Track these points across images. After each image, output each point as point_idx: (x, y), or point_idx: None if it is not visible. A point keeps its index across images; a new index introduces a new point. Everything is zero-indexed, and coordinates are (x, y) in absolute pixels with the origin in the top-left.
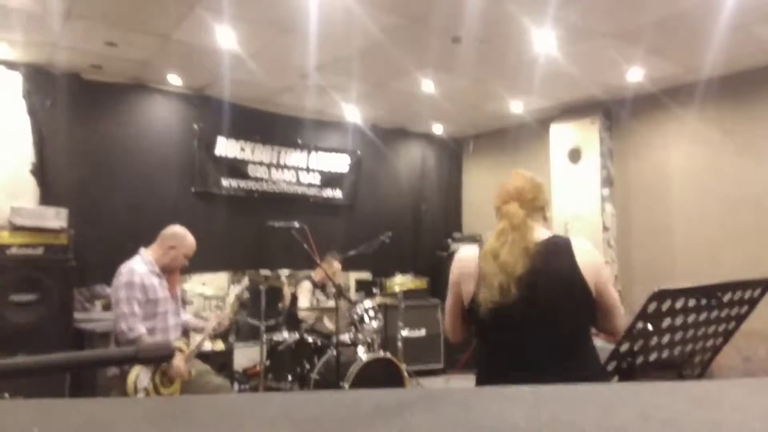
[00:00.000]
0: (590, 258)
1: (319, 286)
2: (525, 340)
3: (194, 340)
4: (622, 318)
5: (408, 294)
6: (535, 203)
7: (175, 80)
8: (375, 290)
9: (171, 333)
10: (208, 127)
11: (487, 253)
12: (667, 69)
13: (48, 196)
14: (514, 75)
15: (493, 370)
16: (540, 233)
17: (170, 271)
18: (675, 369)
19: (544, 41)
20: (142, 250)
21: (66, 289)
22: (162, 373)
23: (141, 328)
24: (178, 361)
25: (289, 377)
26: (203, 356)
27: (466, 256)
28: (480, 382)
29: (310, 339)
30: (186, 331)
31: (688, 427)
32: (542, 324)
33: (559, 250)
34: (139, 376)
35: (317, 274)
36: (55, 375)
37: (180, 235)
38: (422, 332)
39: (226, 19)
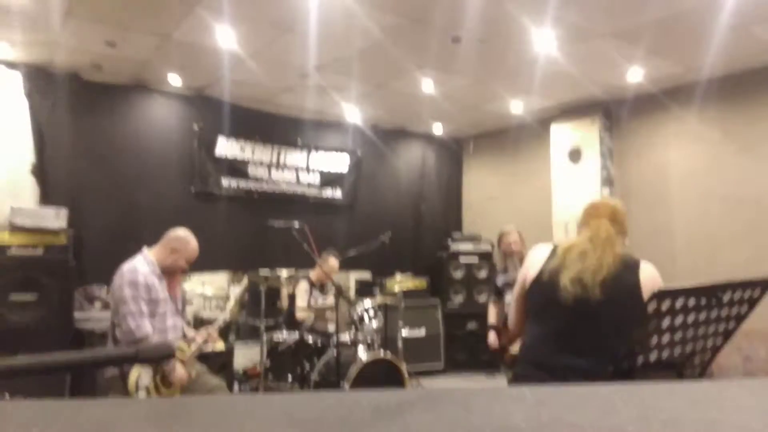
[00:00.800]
0: (650, 282)
1: (317, 286)
2: (572, 329)
3: (193, 344)
4: None
5: (408, 294)
6: (622, 226)
7: (175, 80)
8: (375, 290)
9: (169, 333)
10: (208, 127)
11: (572, 250)
12: (667, 69)
13: (48, 196)
14: (514, 75)
15: (537, 351)
16: (619, 251)
17: (170, 274)
18: (675, 369)
19: (544, 41)
20: (145, 250)
21: (66, 289)
22: (163, 373)
23: (148, 327)
24: (178, 367)
25: (289, 377)
26: (202, 357)
27: (538, 251)
28: (523, 359)
29: (310, 339)
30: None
31: (688, 427)
32: (594, 318)
33: (629, 267)
34: (141, 375)
35: (315, 274)
36: (55, 375)
37: (184, 239)
38: (422, 332)
39: (226, 19)
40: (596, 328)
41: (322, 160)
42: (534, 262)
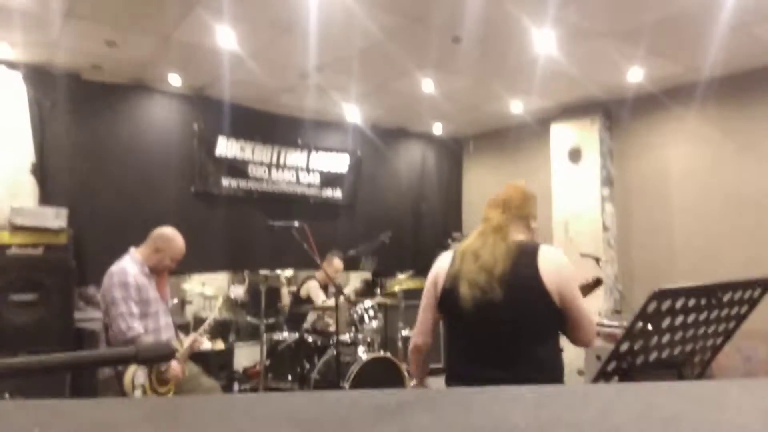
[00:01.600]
0: (553, 267)
1: (322, 287)
2: (481, 337)
3: (186, 341)
4: (591, 332)
5: (408, 294)
6: (520, 211)
7: (175, 80)
8: (376, 290)
9: (163, 333)
10: (208, 127)
11: (466, 252)
12: (667, 69)
13: (48, 196)
14: (514, 75)
15: (455, 363)
16: (516, 238)
17: (157, 273)
18: (675, 369)
19: (544, 41)
20: (132, 250)
21: (66, 289)
22: (158, 372)
23: (139, 327)
24: (174, 362)
25: (289, 377)
26: (201, 356)
27: (442, 258)
28: (447, 372)
29: (310, 339)
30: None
31: (688, 427)
32: (499, 324)
33: (526, 255)
34: (137, 373)
35: (320, 276)
36: (55, 375)
37: (167, 237)
38: None
39: (226, 19)
40: (506, 332)
41: (322, 160)
42: (439, 271)
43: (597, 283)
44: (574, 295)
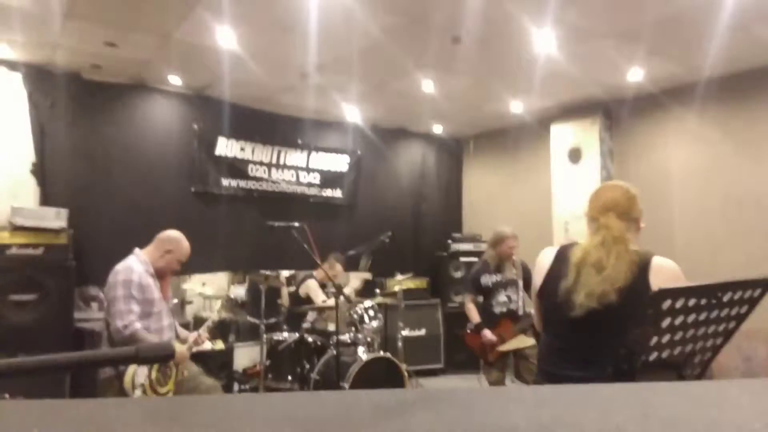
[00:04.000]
0: (661, 281)
1: (322, 286)
2: (581, 339)
3: (188, 339)
4: None
5: (408, 294)
6: (630, 215)
7: (175, 80)
8: (376, 290)
9: (165, 333)
10: (208, 127)
11: (585, 263)
12: (667, 69)
13: (48, 196)
14: (514, 75)
15: (547, 359)
16: (633, 246)
17: (162, 275)
18: (675, 369)
19: (544, 41)
20: (137, 251)
21: (66, 289)
22: (158, 371)
23: (137, 325)
24: (180, 349)
25: (289, 377)
26: (201, 356)
27: (543, 256)
28: (539, 370)
29: (310, 339)
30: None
31: (688, 427)
32: (605, 328)
33: (641, 268)
34: (137, 372)
35: (319, 275)
36: (55, 375)
37: (176, 240)
38: (422, 332)
39: (226, 19)
40: (610, 337)
41: (322, 160)
42: (540, 268)
43: None
44: None
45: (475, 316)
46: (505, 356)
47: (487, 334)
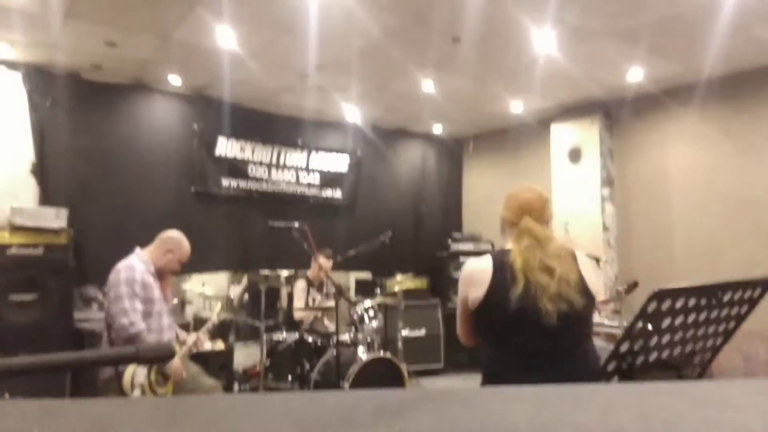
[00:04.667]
0: (590, 270)
1: (315, 285)
2: (548, 342)
3: (187, 342)
4: None
5: (408, 294)
6: (543, 217)
7: (175, 80)
8: (376, 290)
9: (165, 333)
10: (208, 127)
11: (532, 266)
12: (667, 69)
13: (48, 196)
14: (514, 75)
15: (506, 371)
16: (560, 243)
17: (162, 275)
18: (675, 369)
19: (544, 41)
20: (138, 250)
21: (66, 289)
22: (157, 371)
23: (142, 324)
24: (176, 362)
25: (289, 377)
26: (201, 357)
27: (478, 268)
28: (489, 383)
29: (310, 339)
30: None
31: (688, 427)
32: (569, 328)
33: (575, 261)
34: (136, 372)
35: (311, 272)
36: (55, 375)
37: (177, 241)
38: (422, 332)
39: (226, 19)
40: (574, 336)
41: (322, 160)
42: (477, 280)
43: (635, 285)
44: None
45: None
46: None
47: None
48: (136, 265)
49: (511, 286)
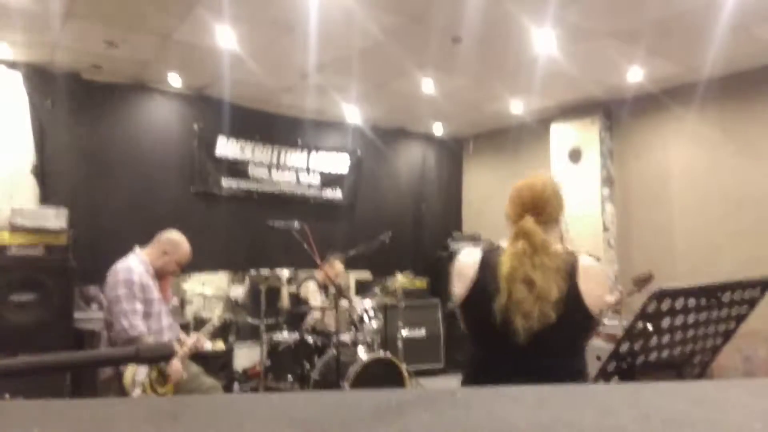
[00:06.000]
0: (593, 285)
1: (322, 287)
2: (524, 355)
3: (186, 343)
4: None
5: (408, 294)
6: (550, 215)
7: (175, 80)
8: (375, 290)
9: (165, 334)
10: (208, 127)
11: (515, 277)
12: (667, 69)
13: (48, 196)
14: (514, 75)
15: (482, 375)
16: (557, 249)
17: (161, 276)
18: (675, 369)
19: (544, 41)
20: (137, 250)
21: (66, 289)
22: (158, 371)
23: (142, 326)
24: (176, 362)
25: (289, 377)
26: (201, 357)
27: (466, 263)
28: (465, 383)
29: (310, 339)
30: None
31: (688, 427)
32: (546, 343)
33: (569, 273)
34: (137, 371)
35: (320, 276)
36: (55, 375)
37: (175, 242)
38: (422, 332)
39: (226, 19)
40: (548, 348)
41: (323, 160)
42: (463, 275)
43: (650, 278)
44: (605, 310)
45: None
46: None
47: None
48: (134, 266)
49: (494, 293)
